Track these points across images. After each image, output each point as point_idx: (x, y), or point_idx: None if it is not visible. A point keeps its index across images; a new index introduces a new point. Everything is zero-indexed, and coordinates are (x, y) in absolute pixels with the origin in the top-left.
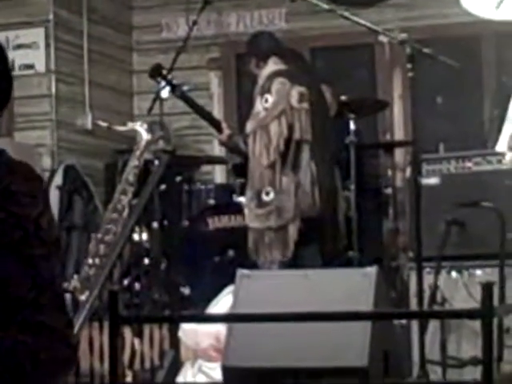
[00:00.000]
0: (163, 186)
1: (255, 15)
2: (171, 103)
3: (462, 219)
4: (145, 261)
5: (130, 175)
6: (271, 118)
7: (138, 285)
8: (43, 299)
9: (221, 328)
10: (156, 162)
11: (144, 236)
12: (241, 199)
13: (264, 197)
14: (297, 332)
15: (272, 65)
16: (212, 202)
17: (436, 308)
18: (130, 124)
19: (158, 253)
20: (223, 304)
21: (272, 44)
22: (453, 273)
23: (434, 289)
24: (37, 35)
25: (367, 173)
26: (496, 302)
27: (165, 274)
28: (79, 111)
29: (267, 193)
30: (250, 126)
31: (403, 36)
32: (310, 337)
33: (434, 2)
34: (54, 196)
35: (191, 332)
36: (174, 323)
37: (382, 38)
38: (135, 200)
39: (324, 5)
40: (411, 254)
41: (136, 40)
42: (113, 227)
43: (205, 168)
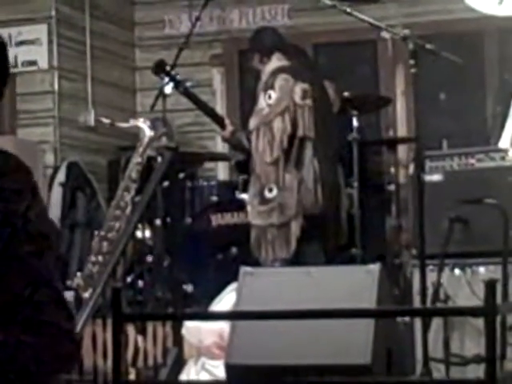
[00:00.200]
0: (166, 183)
1: (258, 11)
2: (174, 100)
3: (465, 216)
4: (148, 258)
5: (133, 172)
6: (274, 115)
7: (141, 282)
8: (40, 296)
9: (224, 326)
10: (159, 159)
11: (147, 233)
12: (244, 196)
13: (267, 193)
14: (300, 329)
15: (275, 61)
16: (215, 199)
17: (439, 305)
18: (133, 121)
19: (161, 250)
20: (226, 301)
21: (275, 40)
22: (456, 270)
23: (437, 286)
24: (39, 31)
25: (370, 169)
26: (499, 300)
27: (168, 272)
28: (82, 108)
29: (270, 189)
30: (253, 123)
31: (406, 32)
32: (313, 334)
33: None
34: (57, 193)
35: (194, 329)
36: (178, 321)
37: (385, 34)
38: (138, 197)
39: (327, 1)
40: (414, 252)
41: (138, 36)
42: (116, 224)
43: (208, 165)
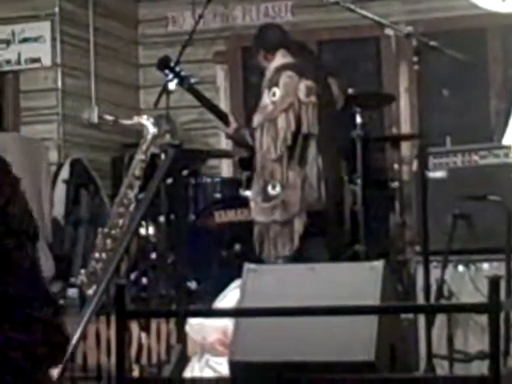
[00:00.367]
0: (170, 180)
1: (261, 8)
2: (178, 97)
3: (469, 213)
4: (152, 255)
5: (137, 169)
6: (279, 112)
7: (145, 279)
8: (26, 292)
9: (228, 322)
10: (162, 156)
11: (151, 230)
12: (247, 193)
13: (270, 190)
14: (304, 326)
15: (280, 58)
16: (218, 196)
17: (443, 302)
18: (137, 118)
19: (165, 247)
20: (230, 298)
21: (280, 37)
22: (460, 267)
23: (441, 283)
24: (43, 29)
25: (374, 166)
26: (503, 296)
27: (172, 269)
28: (85, 105)
29: (273, 186)
30: (258, 120)
31: (409, 29)
32: (317, 331)
33: None
34: (61, 190)
35: (198, 326)
36: (181, 318)
37: (389, 31)
38: (142, 194)
39: None
40: (418, 248)
41: (142, 33)
42: (119, 221)
43: (211, 162)
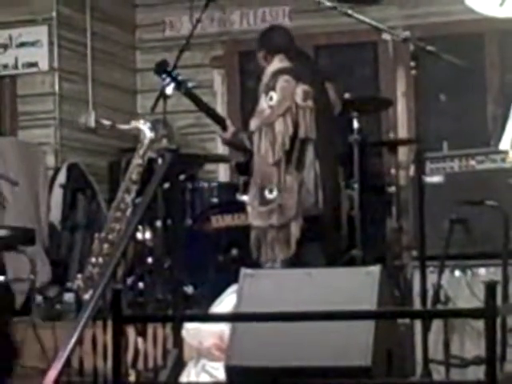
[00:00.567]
0: (167, 185)
1: (259, 13)
2: (175, 101)
3: (466, 218)
4: (148, 260)
5: (134, 174)
6: (276, 116)
7: (142, 284)
8: None
9: (224, 327)
10: (159, 161)
11: (147, 235)
12: (244, 198)
13: (267, 194)
14: (300, 331)
15: (277, 62)
16: (215, 201)
17: (439, 307)
18: (134, 122)
19: (162, 252)
20: (227, 303)
21: (284, 41)
22: (456, 272)
23: (438, 288)
24: (40, 33)
25: (371, 171)
26: (499, 301)
27: (168, 273)
28: (82, 109)
29: (270, 190)
30: (255, 124)
31: (406, 34)
32: (314, 336)
33: (438, 0)
34: (58, 194)
35: (195, 331)
36: (178, 322)
37: (386, 36)
38: (139, 198)
39: (328, 2)
40: (414, 253)
41: (139, 38)
42: (116, 226)
43: (208, 166)
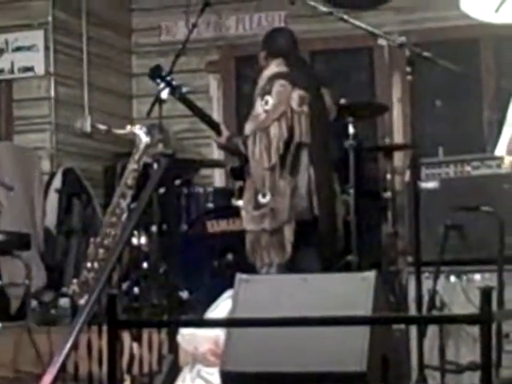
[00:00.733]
0: (162, 190)
1: (255, 18)
2: (170, 106)
3: (461, 223)
4: (144, 265)
5: (129, 178)
6: (271, 121)
7: (137, 289)
8: None
9: (220, 333)
10: (155, 166)
11: (143, 240)
12: (240, 203)
13: (260, 199)
14: (296, 337)
15: (274, 67)
16: (211, 206)
17: (435, 313)
18: (129, 127)
19: (157, 257)
20: (222, 308)
21: (286, 44)
22: (452, 277)
23: (433, 293)
24: (36, 38)
25: (366, 176)
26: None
27: (164, 278)
28: (78, 114)
29: (264, 195)
30: (249, 128)
31: (402, 39)
32: (309, 341)
33: (434, 6)
34: (53, 199)
35: (190, 336)
36: (173, 328)
37: (382, 42)
38: (134, 203)
39: (323, 8)
40: (410, 259)
41: (135, 43)
42: (112, 231)
43: (204, 171)
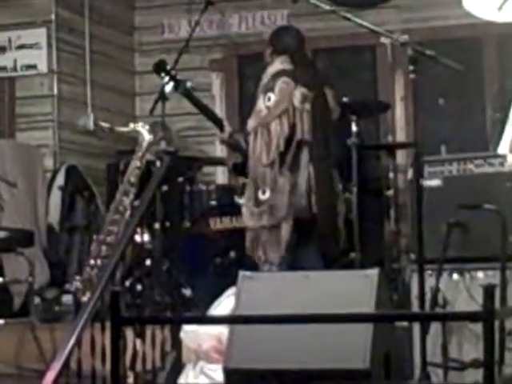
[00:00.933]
0: (165, 187)
1: (257, 16)
2: (173, 104)
3: (464, 221)
4: (147, 262)
5: (132, 176)
6: (272, 117)
7: (140, 286)
8: None
9: (223, 329)
10: (158, 163)
11: (146, 237)
12: (242, 200)
13: (260, 195)
14: (298, 334)
15: (278, 64)
16: (214, 203)
17: (437, 310)
18: (132, 125)
19: (160, 254)
20: (225, 306)
21: (293, 42)
22: (454, 275)
23: (436, 291)
24: (39, 35)
25: (369, 175)
26: (497, 305)
27: (167, 275)
28: (81, 112)
29: (263, 192)
30: (251, 124)
31: (405, 38)
32: (312, 339)
33: (436, 4)
34: (56, 196)
35: (193, 333)
36: (176, 324)
37: (384, 40)
38: (137, 201)
39: (326, 6)
40: (413, 256)
41: (138, 41)
42: (115, 228)
43: (206, 169)
